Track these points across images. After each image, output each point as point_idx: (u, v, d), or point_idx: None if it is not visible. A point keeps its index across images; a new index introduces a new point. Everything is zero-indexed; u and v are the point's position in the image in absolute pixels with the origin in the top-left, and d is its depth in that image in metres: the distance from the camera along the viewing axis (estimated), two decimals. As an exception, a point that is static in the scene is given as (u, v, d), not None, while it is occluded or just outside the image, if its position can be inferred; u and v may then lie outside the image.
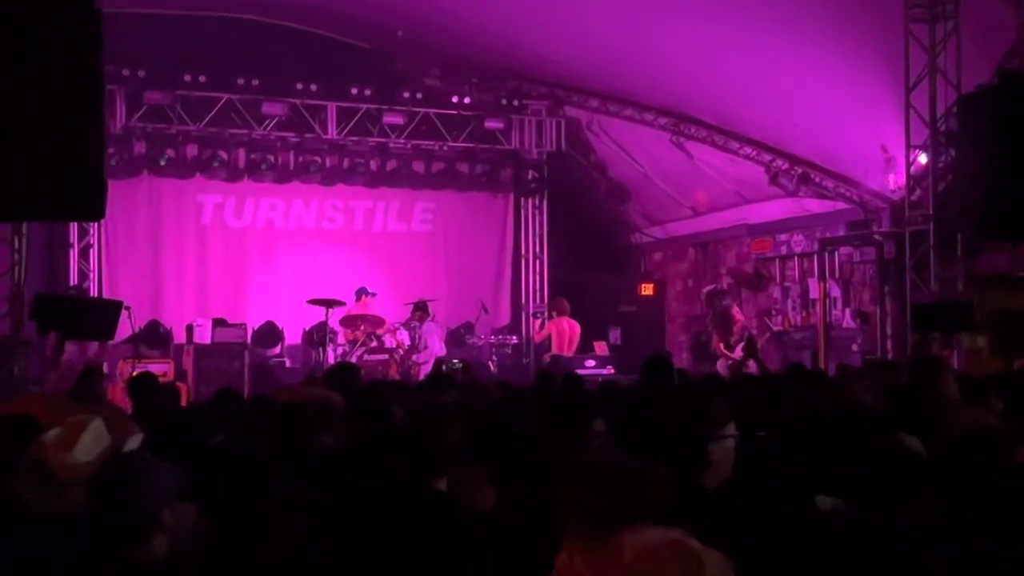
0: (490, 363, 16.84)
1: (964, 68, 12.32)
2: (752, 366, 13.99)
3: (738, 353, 14.26)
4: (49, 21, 4.41)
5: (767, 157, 15.97)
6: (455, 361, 14.05)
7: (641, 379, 8.31)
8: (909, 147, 13.16)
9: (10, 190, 4.80)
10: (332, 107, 17.10)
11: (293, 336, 16.79)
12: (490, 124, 17.92)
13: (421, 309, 15.89)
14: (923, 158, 13.27)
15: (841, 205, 15.49)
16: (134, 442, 3.78)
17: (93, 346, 13.63)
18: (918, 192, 13.51)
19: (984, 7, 12.17)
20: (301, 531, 3.56)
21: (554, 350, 16.16)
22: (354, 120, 17.19)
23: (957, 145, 12.58)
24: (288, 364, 16.50)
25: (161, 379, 10.77)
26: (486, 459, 4.09)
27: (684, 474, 3.69)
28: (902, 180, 13.82)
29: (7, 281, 11.47)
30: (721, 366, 14.19)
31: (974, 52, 12.26)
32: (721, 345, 14.62)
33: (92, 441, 3.59)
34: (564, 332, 16.27)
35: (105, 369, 14.12)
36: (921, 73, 12.72)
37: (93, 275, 16.49)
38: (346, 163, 17.68)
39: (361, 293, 16.33)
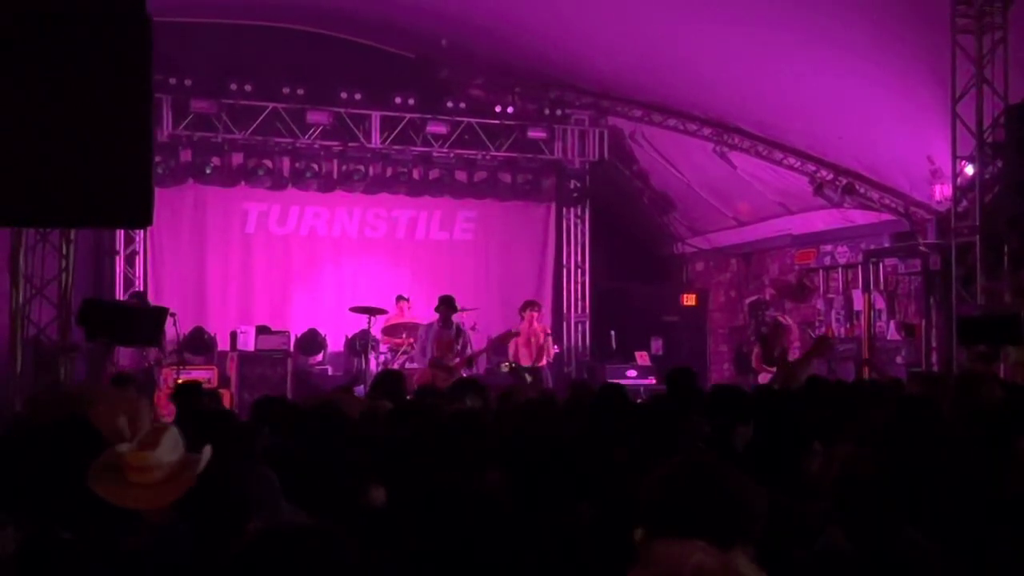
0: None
1: (1011, 79, 12.22)
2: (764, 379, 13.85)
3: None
4: (100, 29, 4.47)
5: (811, 167, 15.88)
6: (505, 364, 13.96)
7: (666, 391, 8.25)
8: (955, 158, 13.02)
9: (59, 197, 4.85)
10: (376, 116, 17.18)
11: (336, 344, 16.87)
12: (533, 134, 17.94)
13: (447, 304, 13.85)
14: (970, 169, 13.14)
15: (886, 216, 15.37)
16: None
17: (152, 352, 13.79)
18: (964, 203, 13.38)
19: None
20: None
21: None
22: (398, 129, 17.26)
23: (1004, 156, 12.48)
24: (330, 372, 16.58)
25: (205, 385, 10.89)
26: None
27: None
28: (948, 191, 13.69)
29: (55, 287, 11.63)
30: (763, 379, 14.04)
31: (1021, 63, 12.14)
32: (760, 360, 14.48)
33: (172, 443, 3.64)
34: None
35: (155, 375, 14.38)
36: (968, 84, 12.61)
37: (139, 282, 16.64)
38: (389, 172, 17.76)
39: (398, 299, 16.39)
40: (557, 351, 17.64)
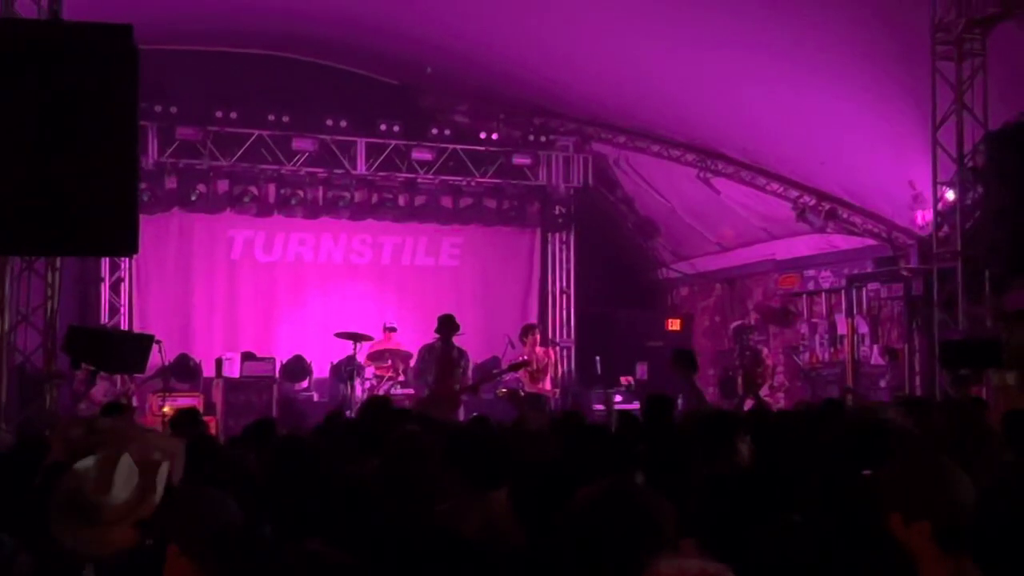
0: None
1: (991, 105, 12.32)
2: (749, 405, 13.94)
3: (764, 393, 14.24)
4: (87, 61, 4.52)
5: (794, 193, 15.99)
6: (503, 389, 13.87)
7: (643, 416, 8.27)
8: (936, 183, 13.12)
9: (44, 225, 4.89)
10: (361, 143, 17.23)
11: (321, 370, 16.85)
12: (518, 160, 18.00)
13: (448, 324, 13.21)
14: (951, 194, 13.23)
15: (868, 241, 15.48)
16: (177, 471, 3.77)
17: (123, 379, 13.75)
18: (946, 228, 13.47)
19: (1011, 45, 12.18)
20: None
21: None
22: (383, 156, 17.31)
23: (984, 182, 12.57)
24: (316, 398, 16.55)
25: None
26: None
27: None
28: (930, 216, 13.79)
29: (40, 314, 11.62)
30: (748, 405, 14.12)
31: (1001, 89, 12.26)
32: (744, 388, 14.56)
33: (125, 478, 3.56)
34: None
35: (134, 402, 14.30)
36: (948, 110, 12.72)
37: (124, 309, 16.63)
38: (375, 198, 17.79)
39: (385, 329, 16.37)
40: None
